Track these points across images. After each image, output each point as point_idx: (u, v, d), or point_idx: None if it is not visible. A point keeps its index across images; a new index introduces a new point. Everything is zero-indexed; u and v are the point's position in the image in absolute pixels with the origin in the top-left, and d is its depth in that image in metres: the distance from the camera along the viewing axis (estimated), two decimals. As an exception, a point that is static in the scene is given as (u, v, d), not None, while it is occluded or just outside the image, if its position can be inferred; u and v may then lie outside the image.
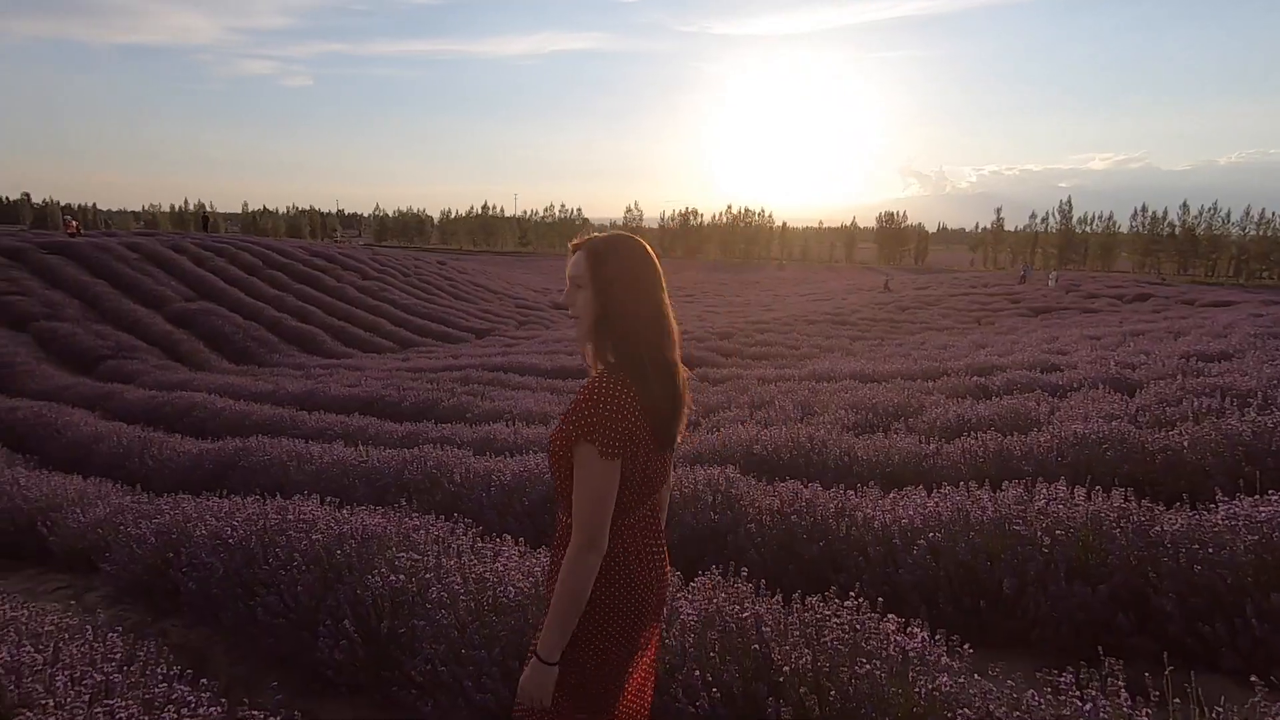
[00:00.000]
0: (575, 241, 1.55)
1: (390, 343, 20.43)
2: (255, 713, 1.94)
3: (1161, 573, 2.57)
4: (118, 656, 2.41)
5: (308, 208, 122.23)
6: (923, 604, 2.74)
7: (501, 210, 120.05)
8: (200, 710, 1.92)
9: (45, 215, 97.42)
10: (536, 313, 28.88)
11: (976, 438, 4.49)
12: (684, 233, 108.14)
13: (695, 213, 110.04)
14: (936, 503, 3.18)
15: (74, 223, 33.62)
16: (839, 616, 2.08)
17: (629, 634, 1.48)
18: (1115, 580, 2.60)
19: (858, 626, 2.05)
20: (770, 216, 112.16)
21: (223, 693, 2.28)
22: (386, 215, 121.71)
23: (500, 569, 2.55)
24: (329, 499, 4.08)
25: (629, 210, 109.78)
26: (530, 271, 52.44)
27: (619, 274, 1.47)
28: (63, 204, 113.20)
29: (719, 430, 5.90)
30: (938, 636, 2.07)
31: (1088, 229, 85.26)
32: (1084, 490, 3.03)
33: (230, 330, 18.30)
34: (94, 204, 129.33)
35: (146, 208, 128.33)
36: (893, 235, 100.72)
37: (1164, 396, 5.34)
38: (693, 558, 3.31)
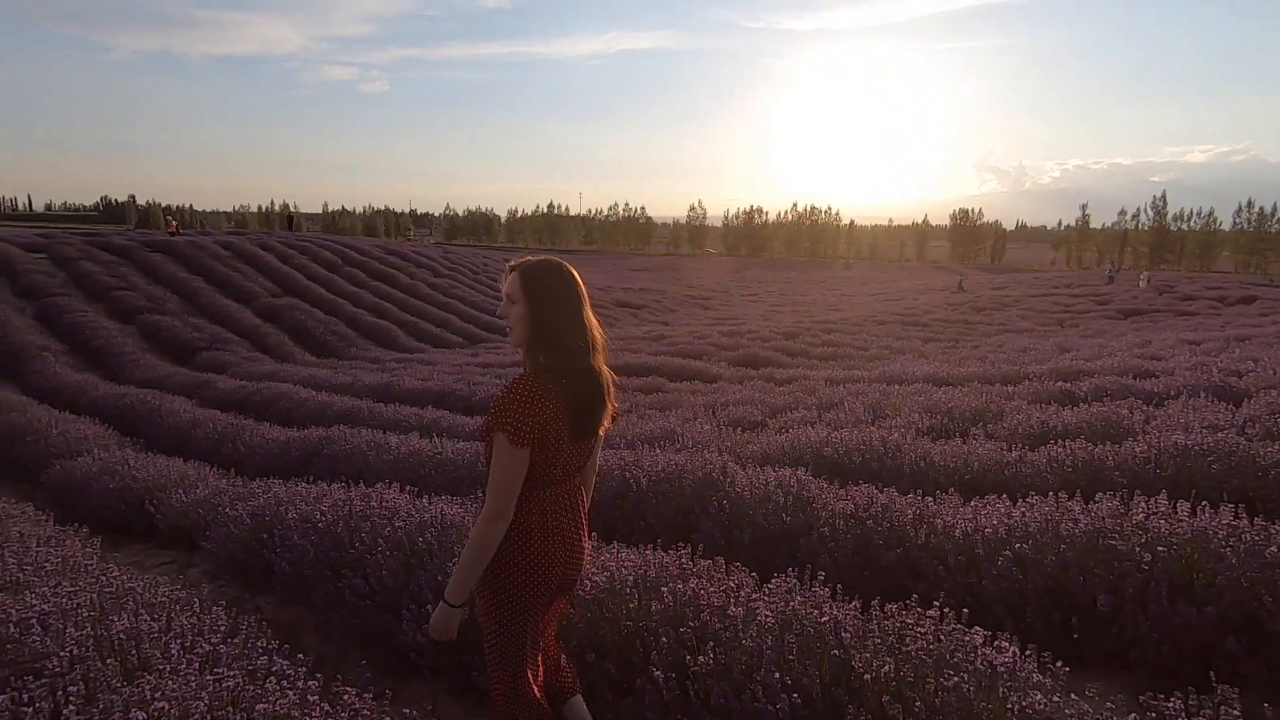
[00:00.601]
0: (512, 264, 1.82)
1: (459, 338, 21.03)
2: (348, 688, 2.03)
3: (1278, 596, 2.38)
4: (222, 629, 2.57)
5: (383, 207, 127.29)
6: (1008, 617, 2.63)
7: (566, 209, 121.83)
8: (299, 684, 2.03)
9: (149, 216, 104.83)
10: (601, 310, 29.02)
11: (1064, 446, 4.27)
12: (748, 231, 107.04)
13: (760, 211, 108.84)
14: (1022, 513, 3.04)
15: (174, 222, 36.07)
16: (921, 625, 2.03)
17: (530, 587, 1.79)
18: (1224, 602, 2.43)
19: (942, 637, 1.99)
20: (837, 214, 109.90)
21: (314, 668, 2.41)
22: (456, 214, 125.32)
23: (576, 562, 2.59)
24: (408, 487, 4.25)
25: (692, 209, 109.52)
26: (594, 270, 52.99)
27: (546, 293, 1.76)
28: (164, 205, 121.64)
29: (787, 431, 5.82)
30: (1028, 652, 1.98)
31: (1184, 226, 79.63)
32: (1187, 505, 2.84)
33: (312, 325, 19.23)
34: (191, 205, 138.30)
35: (237, 208, 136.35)
36: (967, 233, 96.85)
37: (1276, 407, 4.94)
38: (764, 559, 3.28)
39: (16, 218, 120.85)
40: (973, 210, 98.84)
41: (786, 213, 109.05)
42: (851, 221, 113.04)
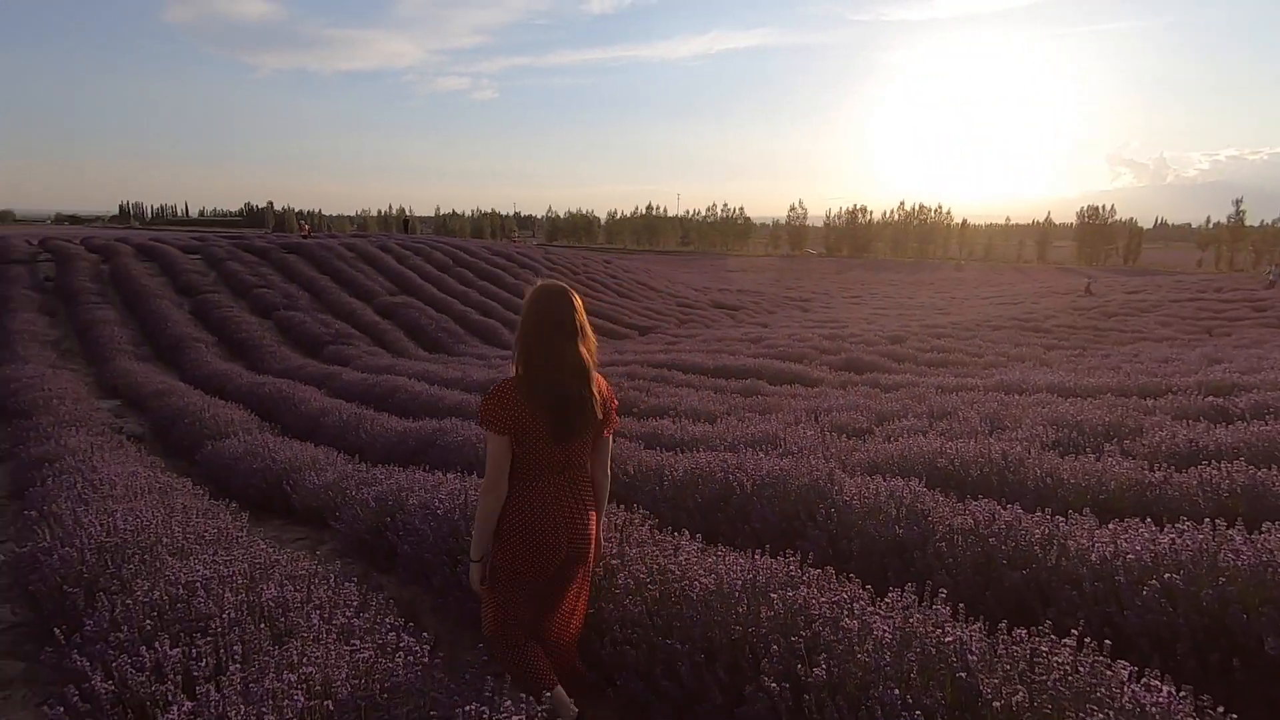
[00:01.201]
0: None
1: (560, 337, 21.61)
2: (470, 669, 2.14)
3: None
4: (354, 604, 2.77)
5: (489, 210, 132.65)
6: (1154, 653, 2.41)
7: (665, 210, 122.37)
8: (425, 659, 2.16)
9: (284, 220, 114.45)
10: (697, 311, 29.11)
11: (1218, 468, 3.85)
12: (851, 231, 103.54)
13: (864, 210, 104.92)
14: (1171, 539, 2.77)
15: (306, 226, 39.28)
16: (1057, 654, 1.89)
17: (525, 555, 2.14)
18: None
19: (1081, 668, 1.84)
20: (948, 213, 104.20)
21: (433, 646, 2.55)
22: (558, 216, 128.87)
23: (684, 562, 2.61)
24: (517, 480, 4.42)
25: (793, 209, 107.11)
26: (692, 271, 52.96)
27: (527, 319, 2.13)
28: (297, 210, 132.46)
29: (895, 440, 5.59)
30: (1182, 693, 1.80)
31: (1364, 223, 69.78)
32: (1380, 541, 2.49)
33: (425, 322, 20.36)
34: (319, 209, 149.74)
35: (359, 212, 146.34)
36: (1096, 232, 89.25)
37: None
38: (873, 571, 3.16)
39: (175, 222, 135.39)
40: (1104, 207, 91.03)
41: (892, 211, 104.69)
42: (964, 220, 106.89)
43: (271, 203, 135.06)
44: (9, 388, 10.49)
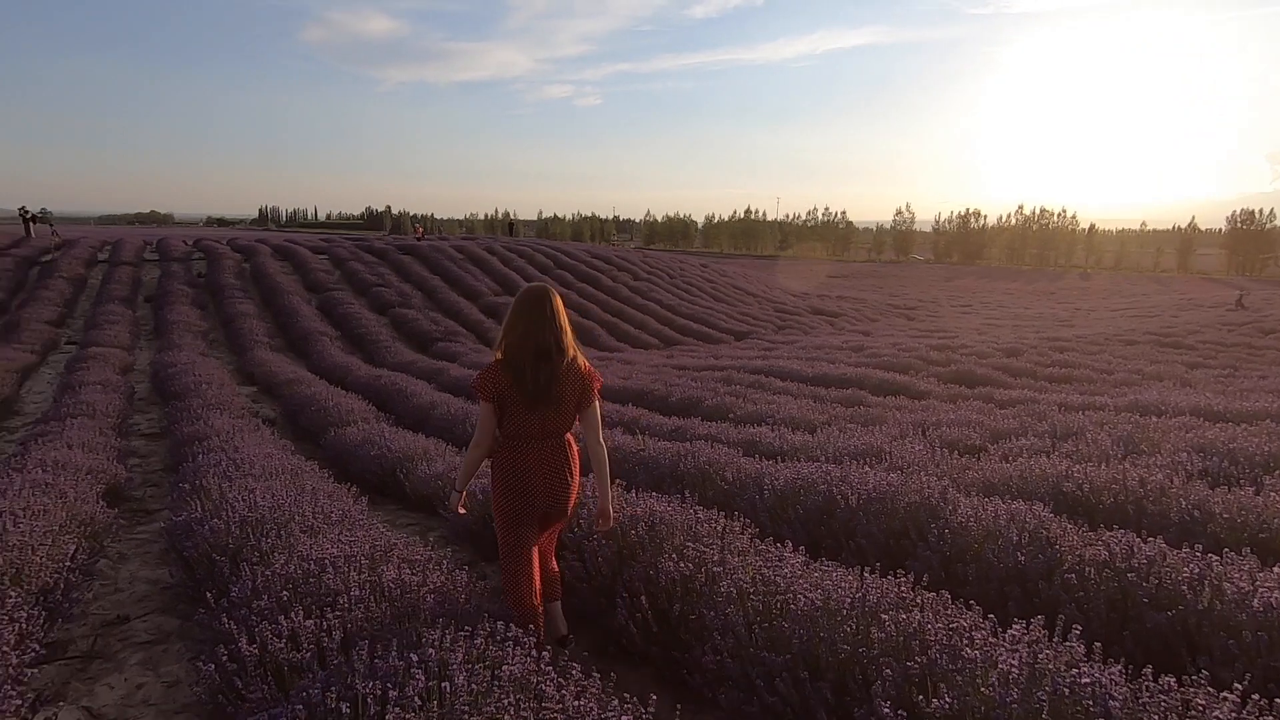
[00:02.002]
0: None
1: (655, 340, 21.75)
2: (575, 664, 2.18)
3: None
4: (465, 590, 2.90)
5: (589, 214, 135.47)
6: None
7: (763, 214, 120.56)
8: (532, 651, 2.22)
9: (399, 223, 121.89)
10: (794, 317, 28.49)
11: None
12: (962, 236, 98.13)
13: (977, 214, 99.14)
14: (1354, 590, 2.43)
15: (420, 229, 41.58)
16: (1217, 709, 1.70)
17: (513, 498, 2.64)
18: None
19: (1245, 728, 1.65)
20: (1073, 217, 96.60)
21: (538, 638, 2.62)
22: (655, 220, 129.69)
23: (788, 574, 2.55)
24: (617, 481, 4.47)
25: (899, 212, 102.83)
26: (790, 275, 51.89)
27: (511, 309, 2.63)
28: (412, 213, 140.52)
29: (1013, 460, 5.24)
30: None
31: None
32: None
33: (526, 322, 21.04)
34: (432, 213, 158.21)
35: (467, 216, 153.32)
36: (1250, 239, 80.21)
37: None
38: (990, 598, 2.97)
39: (306, 225, 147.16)
40: (1260, 211, 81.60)
41: (1010, 215, 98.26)
42: (1092, 225, 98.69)
43: (389, 207, 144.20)
44: (167, 372, 11.75)
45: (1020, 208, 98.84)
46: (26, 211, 30.49)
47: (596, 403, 2.72)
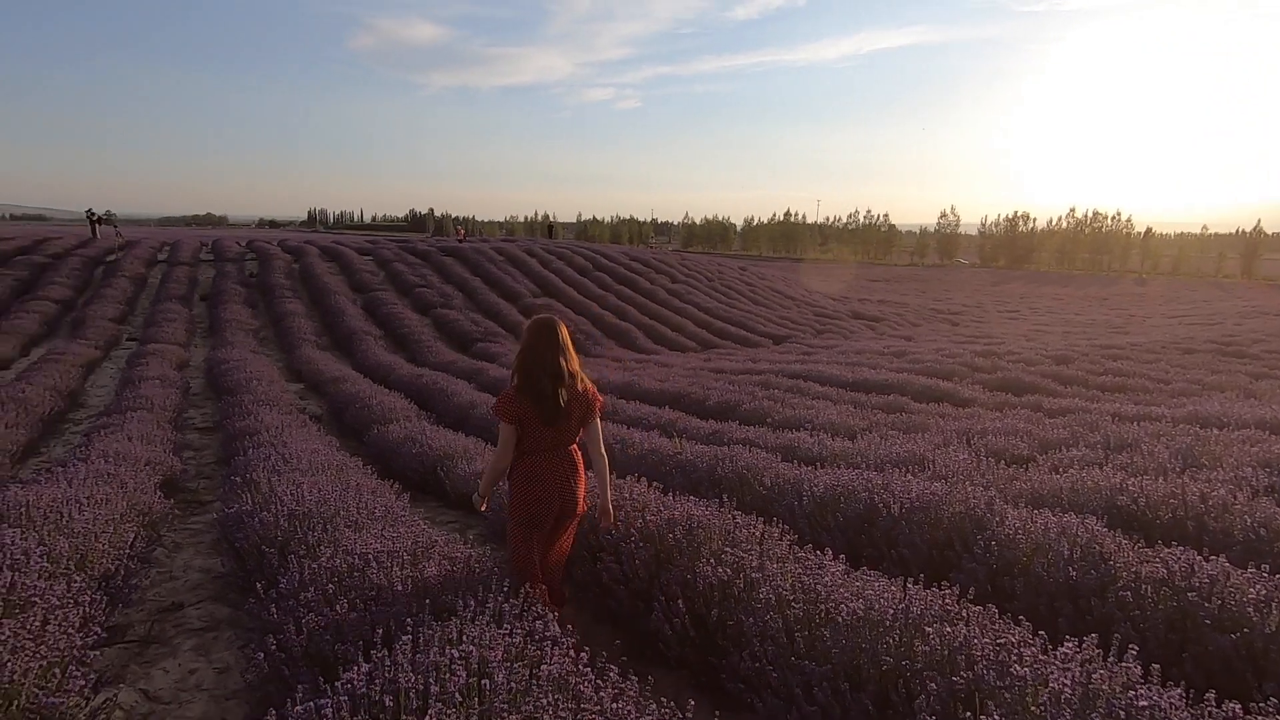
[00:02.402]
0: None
1: (693, 343, 21.68)
2: (612, 666, 2.18)
3: None
4: (505, 589, 2.92)
5: (627, 217, 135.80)
6: None
7: (803, 217, 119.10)
8: (568, 654, 2.23)
9: (442, 225, 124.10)
10: (834, 321, 28.07)
11: None
12: (1009, 239, 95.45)
13: (1026, 217, 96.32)
14: None
15: (461, 230, 42.32)
16: (1286, 739, 1.61)
17: (531, 509, 2.94)
18: None
19: (1318, 760, 1.56)
20: (1128, 220, 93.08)
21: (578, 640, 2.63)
22: (694, 223, 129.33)
23: (829, 582, 2.51)
24: (653, 484, 4.47)
25: (943, 215, 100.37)
26: (829, 279, 51.16)
27: (523, 341, 2.97)
28: (454, 216, 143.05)
29: (1063, 471, 5.07)
30: None
31: None
32: None
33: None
34: (473, 215, 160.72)
35: (507, 218, 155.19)
36: (1323, 243, 75.94)
37: None
38: (1042, 615, 2.88)
39: (352, 226, 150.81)
40: (1333, 214, 77.24)
41: (1060, 219, 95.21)
42: (1148, 229, 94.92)
43: (432, 209, 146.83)
44: (220, 369, 12.18)
45: (1072, 210, 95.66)
46: (93, 214, 32.02)
47: (598, 419, 3.10)
